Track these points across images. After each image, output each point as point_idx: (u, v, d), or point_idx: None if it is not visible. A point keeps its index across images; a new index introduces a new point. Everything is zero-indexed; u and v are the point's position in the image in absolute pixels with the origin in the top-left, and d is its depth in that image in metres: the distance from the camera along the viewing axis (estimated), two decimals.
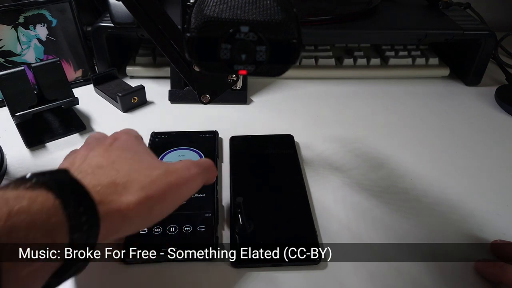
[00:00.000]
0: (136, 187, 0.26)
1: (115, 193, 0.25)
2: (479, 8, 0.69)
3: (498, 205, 0.40)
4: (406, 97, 0.59)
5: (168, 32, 0.33)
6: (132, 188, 0.26)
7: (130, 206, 0.25)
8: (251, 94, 0.58)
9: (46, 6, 0.54)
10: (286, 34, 0.24)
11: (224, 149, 0.47)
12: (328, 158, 0.46)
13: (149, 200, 0.26)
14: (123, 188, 0.26)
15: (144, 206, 0.26)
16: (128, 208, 0.25)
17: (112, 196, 0.25)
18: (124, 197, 0.25)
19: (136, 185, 0.26)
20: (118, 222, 0.25)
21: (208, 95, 0.36)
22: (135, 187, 0.26)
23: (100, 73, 0.57)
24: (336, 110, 0.55)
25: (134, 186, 0.26)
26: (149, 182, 0.27)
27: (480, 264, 0.33)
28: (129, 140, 0.32)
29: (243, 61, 0.25)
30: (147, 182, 0.27)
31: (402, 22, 0.62)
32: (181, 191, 0.29)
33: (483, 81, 0.62)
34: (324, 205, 0.40)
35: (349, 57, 0.64)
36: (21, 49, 0.54)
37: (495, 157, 0.47)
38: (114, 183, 0.25)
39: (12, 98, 0.45)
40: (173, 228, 0.35)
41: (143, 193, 0.26)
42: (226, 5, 0.25)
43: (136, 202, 0.25)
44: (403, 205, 0.40)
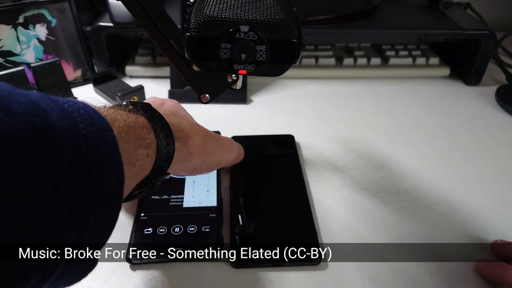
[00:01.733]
0: (196, 136, 0.32)
1: (184, 134, 0.31)
2: (479, 8, 0.69)
3: (498, 205, 0.40)
4: (407, 97, 0.59)
5: (168, 32, 0.33)
6: (194, 135, 0.32)
7: (194, 146, 0.32)
8: (251, 94, 0.58)
9: (45, 6, 0.54)
10: (286, 34, 0.24)
11: None
12: (328, 158, 0.46)
13: (205, 148, 0.33)
14: (188, 132, 0.32)
15: (201, 152, 0.32)
16: (192, 147, 0.31)
17: (182, 134, 0.30)
18: (189, 140, 0.31)
19: (196, 134, 0.32)
20: (184, 156, 0.30)
21: (207, 95, 0.36)
22: (196, 136, 0.32)
23: (100, 73, 0.57)
24: (336, 110, 0.55)
25: (195, 134, 0.32)
26: (205, 135, 0.34)
27: (481, 264, 0.33)
28: (177, 103, 0.38)
29: (243, 60, 0.25)
30: (204, 134, 0.34)
31: (402, 22, 0.62)
32: (225, 154, 0.37)
33: (483, 81, 0.62)
34: (324, 205, 0.39)
35: (350, 57, 0.64)
36: (21, 49, 0.54)
37: (495, 157, 0.47)
38: (181, 127, 0.31)
39: None
40: (178, 229, 0.35)
41: (202, 141, 0.33)
42: (226, 5, 0.25)
43: (197, 145, 0.32)
44: (404, 205, 0.40)
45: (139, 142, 0.25)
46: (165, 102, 0.37)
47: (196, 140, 0.32)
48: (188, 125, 0.33)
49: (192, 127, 0.33)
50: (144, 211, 0.37)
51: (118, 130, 0.22)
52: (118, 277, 0.32)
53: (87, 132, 0.19)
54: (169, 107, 0.35)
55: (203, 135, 0.34)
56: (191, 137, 0.32)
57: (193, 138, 0.32)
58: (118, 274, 0.33)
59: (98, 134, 0.20)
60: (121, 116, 0.24)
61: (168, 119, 0.29)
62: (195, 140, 0.32)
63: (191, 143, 0.31)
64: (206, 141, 0.33)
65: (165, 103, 0.37)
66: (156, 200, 0.38)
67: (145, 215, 0.37)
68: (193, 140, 0.32)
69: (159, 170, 0.27)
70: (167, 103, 0.37)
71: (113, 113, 0.24)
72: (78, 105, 0.20)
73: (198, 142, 0.32)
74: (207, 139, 0.34)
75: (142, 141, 0.25)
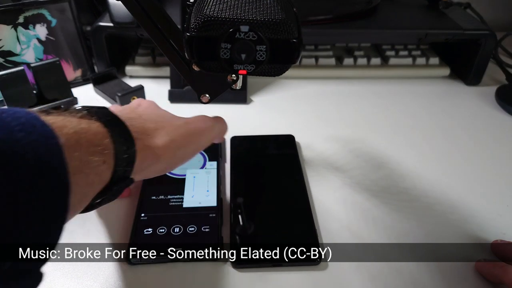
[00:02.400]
0: (162, 133, 0.31)
1: (146, 135, 0.29)
2: (479, 8, 0.69)
3: (498, 205, 0.40)
4: (407, 97, 0.59)
5: (168, 32, 0.33)
6: (159, 133, 0.30)
7: (159, 146, 0.30)
8: (251, 94, 0.58)
9: (45, 6, 0.54)
10: (286, 34, 0.24)
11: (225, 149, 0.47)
12: (328, 158, 0.46)
13: (173, 143, 0.31)
14: (152, 132, 0.30)
15: (170, 149, 0.31)
16: (158, 147, 0.29)
17: (144, 136, 0.29)
18: (153, 139, 0.30)
19: (162, 131, 0.31)
20: (149, 158, 0.29)
21: (207, 95, 0.36)
22: (162, 133, 0.31)
23: (100, 73, 0.57)
24: (336, 110, 0.55)
25: (160, 132, 0.31)
26: (172, 129, 0.32)
27: (481, 264, 0.33)
28: (152, 104, 0.37)
29: (243, 60, 0.25)
30: (171, 129, 0.32)
31: (402, 22, 0.62)
32: (199, 139, 0.35)
33: (483, 81, 0.62)
34: (324, 205, 0.39)
35: (350, 57, 0.64)
36: (21, 49, 0.54)
37: (495, 157, 0.47)
38: (143, 128, 0.30)
39: (11, 98, 0.45)
40: (178, 229, 0.35)
41: (168, 137, 0.31)
42: (226, 5, 0.25)
43: (163, 143, 0.30)
44: (404, 205, 0.40)
45: (93, 149, 0.23)
46: (142, 103, 0.36)
47: (162, 138, 0.30)
48: (153, 123, 0.31)
49: (157, 126, 0.31)
50: (144, 211, 0.37)
51: (66, 138, 0.21)
52: (118, 277, 0.32)
53: (27, 141, 0.18)
54: (143, 109, 0.35)
55: (170, 130, 0.32)
56: (155, 136, 0.30)
57: (157, 137, 0.30)
58: (118, 274, 0.33)
59: (40, 143, 0.19)
60: (71, 123, 0.23)
61: (131, 122, 0.28)
62: (160, 138, 0.30)
63: (156, 142, 0.30)
64: (174, 136, 0.31)
65: (141, 104, 0.36)
66: (156, 200, 0.38)
67: (145, 215, 0.37)
68: (158, 139, 0.30)
69: (121, 176, 0.26)
70: (143, 104, 0.36)
71: (62, 120, 0.22)
72: (18, 114, 0.19)
73: (164, 139, 0.30)
74: (175, 133, 0.32)
75: (96, 147, 0.24)
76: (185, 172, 0.42)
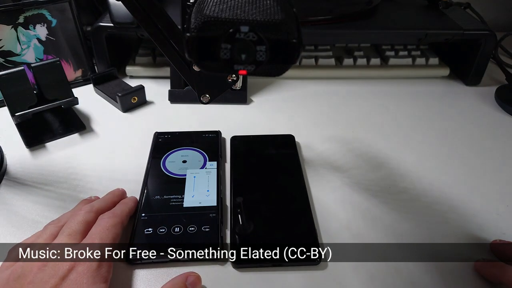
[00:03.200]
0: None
1: None
2: (479, 8, 0.69)
3: (498, 205, 0.40)
4: (406, 97, 0.59)
5: (168, 32, 0.33)
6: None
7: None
8: (251, 94, 0.58)
9: (46, 6, 0.54)
10: (286, 34, 0.24)
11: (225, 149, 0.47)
12: (328, 158, 0.46)
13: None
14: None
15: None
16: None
17: None
18: None
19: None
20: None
21: (208, 95, 0.36)
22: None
23: (100, 73, 0.57)
24: (336, 110, 0.55)
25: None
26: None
27: (480, 264, 0.34)
28: (83, 278, 0.28)
29: (243, 61, 0.25)
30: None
31: (402, 22, 0.62)
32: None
33: (483, 81, 0.62)
34: (324, 205, 0.40)
35: (349, 57, 0.64)
36: (21, 49, 0.54)
37: (495, 157, 0.47)
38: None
39: (12, 98, 0.45)
40: (178, 228, 0.35)
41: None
42: (226, 5, 0.25)
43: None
44: (403, 205, 0.40)
45: None
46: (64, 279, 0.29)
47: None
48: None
49: None
50: (144, 211, 0.37)
51: None
52: (118, 277, 0.32)
53: None
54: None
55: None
56: None
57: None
58: (118, 274, 0.33)
59: None
60: None
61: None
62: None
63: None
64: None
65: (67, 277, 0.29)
66: (156, 200, 0.38)
67: (145, 215, 0.37)
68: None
69: None
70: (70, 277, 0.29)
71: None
72: None
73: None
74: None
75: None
76: (185, 172, 0.42)
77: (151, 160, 0.44)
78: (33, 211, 0.38)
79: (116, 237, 0.33)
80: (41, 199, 0.40)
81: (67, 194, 0.40)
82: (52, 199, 0.40)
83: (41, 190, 0.41)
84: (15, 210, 0.39)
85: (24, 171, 0.43)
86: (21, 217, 0.38)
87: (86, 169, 0.44)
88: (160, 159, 0.43)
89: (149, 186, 0.40)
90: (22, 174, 0.43)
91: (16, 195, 0.40)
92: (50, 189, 0.41)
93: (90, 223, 0.33)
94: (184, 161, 0.43)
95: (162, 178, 0.41)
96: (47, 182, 0.42)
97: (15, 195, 0.40)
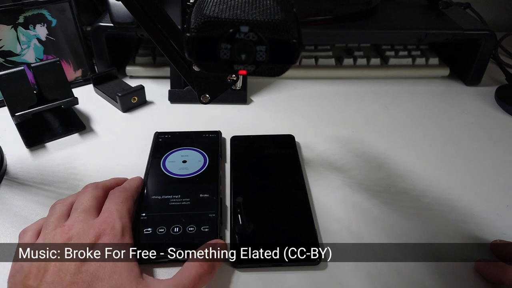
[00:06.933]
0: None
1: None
2: (479, 8, 0.69)
3: (498, 205, 0.40)
4: (406, 97, 0.59)
5: (168, 32, 0.33)
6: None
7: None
8: (251, 94, 0.58)
9: (46, 6, 0.54)
10: (286, 34, 0.24)
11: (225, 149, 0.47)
12: (328, 158, 0.46)
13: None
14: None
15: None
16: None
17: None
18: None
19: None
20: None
21: (207, 95, 0.36)
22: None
23: (100, 73, 0.57)
24: (336, 110, 0.55)
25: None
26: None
27: (480, 264, 0.33)
28: (106, 265, 0.29)
29: (243, 61, 0.25)
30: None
31: (402, 22, 0.62)
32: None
33: (483, 81, 0.62)
34: (324, 205, 0.40)
35: (349, 57, 0.64)
36: (21, 49, 0.54)
37: (495, 157, 0.47)
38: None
39: (12, 98, 0.45)
40: (177, 228, 0.35)
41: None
42: (226, 5, 0.25)
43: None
44: (403, 205, 0.40)
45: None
46: (83, 265, 0.30)
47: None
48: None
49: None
50: (144, 211, 0.37)
51: None
52: None
53: None
54: (82, 276, 0.29)
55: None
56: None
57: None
58: None
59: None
60: None
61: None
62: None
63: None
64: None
65: (82, 267, 0.30)
66: (156, 200, 0.38)
67: (145, 215, 0.37)
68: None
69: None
70: (85, 267, 0.30)
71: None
72: None
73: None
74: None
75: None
76: (186, 172, 0.42)
77: (151, 160, 0.44)
78: (33, 211, 0.38)
79: (130, 210, 0.35)
80: (41, 199, 0.40)
81: (67, 194, 0.40)
82: (52, 199, 0.39)
83: (41, 190, 0.41)
84: (15, 210, 0.39)
85: (24, 171, 0.43)
86: (21, 217, 0.38)
87: (86, 169, 0.44)
88: (160, 159, 0.43)
89: (149, 186, 0.40)
90: (22, 174, 0.43)
91: (16, 195, 0.40)
92: (50, 189, 0.41)
93: (100, 199, 0.35)
94: (184, 161, 0.43)
95: (162, 178, 0.41)
96: (47, 182, 0.42)
97: (15, 195, 0.40)
